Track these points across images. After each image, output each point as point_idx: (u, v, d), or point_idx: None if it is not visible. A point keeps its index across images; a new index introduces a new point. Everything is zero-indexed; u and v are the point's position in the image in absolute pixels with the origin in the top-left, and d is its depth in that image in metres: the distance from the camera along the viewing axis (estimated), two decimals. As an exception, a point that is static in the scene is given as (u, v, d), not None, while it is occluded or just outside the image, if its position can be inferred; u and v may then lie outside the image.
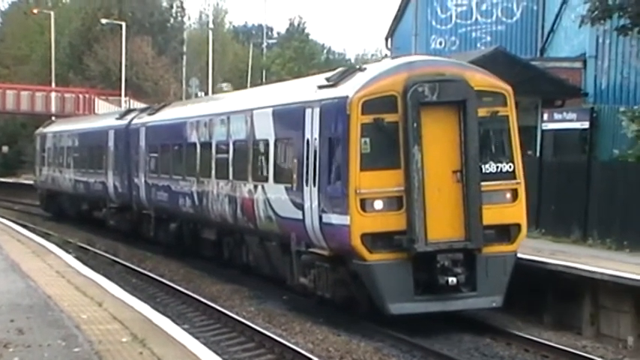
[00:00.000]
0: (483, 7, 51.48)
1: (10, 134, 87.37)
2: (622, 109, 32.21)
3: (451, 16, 52.05)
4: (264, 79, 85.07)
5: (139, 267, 34.11)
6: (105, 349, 13.74)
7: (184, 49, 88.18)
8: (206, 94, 69.11)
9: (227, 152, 29.00)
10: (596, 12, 32.18)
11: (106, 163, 43.07)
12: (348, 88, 20.77)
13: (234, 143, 28.54)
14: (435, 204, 19.88)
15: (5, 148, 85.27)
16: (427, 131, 19.94)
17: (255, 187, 26.23)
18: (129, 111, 45.66)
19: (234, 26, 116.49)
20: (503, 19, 51.07)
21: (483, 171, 20.51)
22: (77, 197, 49.87)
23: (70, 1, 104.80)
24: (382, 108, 20.04)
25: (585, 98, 37.58)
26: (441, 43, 51.39)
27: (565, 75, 38.46)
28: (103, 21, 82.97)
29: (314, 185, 21.70)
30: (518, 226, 20.88)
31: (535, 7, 50.25)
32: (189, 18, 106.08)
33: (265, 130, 25.82)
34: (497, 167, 20.74)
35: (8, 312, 17.25)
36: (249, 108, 27.76)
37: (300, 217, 22.52)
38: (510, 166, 20.86)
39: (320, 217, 21.33)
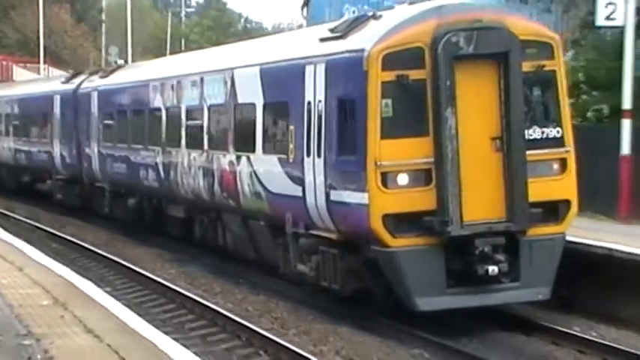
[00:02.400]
0: None
1: None
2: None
3: None
4: (182, 48, 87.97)
5: (59, 232, 33.79)
6: (25, 312, 14.19)
7: (103, 17, 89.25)
8: (125, 62, 65.80)
9: (200, 119, 25.10)
10: None
11: (51, 132, 40.21)
12: (364, 40, 17.14)
13: (209, 108, 24.68)
14: (472, 178, 16.35)
15: None
16: (462, 91, 16.41)
17: (238, 158, 22.40)
18: (76, 74, 42.54)
19: None
20: None
21: (527, 137, 17.00)
22: (18, 168, 46.88)
23: None
24: (407, 63, 16.42)
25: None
26: (354, 12, 49.09)
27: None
28: None
29: (318, 156, 18.08)
30: (567, 202, 17.33)
31: None
32: None
33: (251, 92, 21.90)
34: (543, 132, 17.21)
35: None
36: (229, 67, 23.66)
37: (300, 193, 18.94)
38: (558, 131, 17.35)
39: (327, 195, 17.73)
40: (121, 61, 66.37)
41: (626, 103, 23.55)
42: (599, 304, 18.81)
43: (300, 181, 18.92)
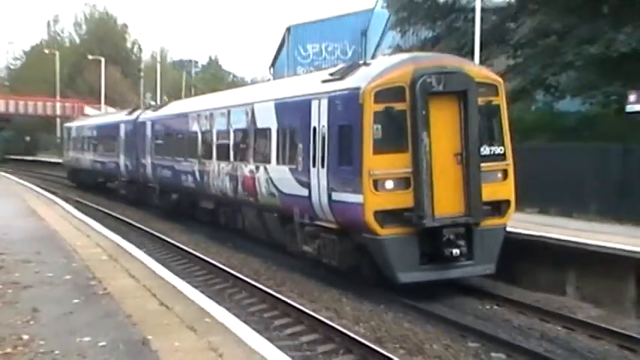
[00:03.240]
0: (329, 49, 60.69)
1: (29, 129, 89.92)
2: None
3: (309, 54, 61.06)
4: (192, 93, 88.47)
5: (113, 212, 34.38)
6: (92, 264, 15.01)
7: (141, 74, 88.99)
8: (156, 102, 66.96)
9: (228, 139, 24.03)
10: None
11: (118, 148, 39.49)
12: (359, 80, 16.06)
13: (234, 132, 23.63)
14: (439, 184, 15.41)
15: (28, 138, 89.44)
16: (433, 118, 15.44)
17: (257, 167, 21.29)
18: (135, 109, 41.89)
19: (172, 59, 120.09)
20: (341, 56, 57.94)
21: (480, 153, 16.21)
22: (95, 172, 46.79)
23: (69, 44, 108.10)
24: (392, 97, 15.48)
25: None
26: (304, 71, 54.54)
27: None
28: (89, 57, 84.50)
29: (322, 167, 17.00)
30: (508, 202, 16.44)
31: (360, 49, 57.39)
32: (143, 54, 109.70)
33: (267, 120, 20.82)
34: (491, 150, 16.32)
35: (30, 241, 18.20)
36: (250, 102, 22.68)
37: (306, 194, 17.81)
38: (501, 149, 16.44)
39: (329, 195, 16.68)
40: (152, 102, 68.84)
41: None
42: (529, 276, 18.04)
43: (306, 185, 17.74)
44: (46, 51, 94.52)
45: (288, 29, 62.34)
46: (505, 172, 16.38)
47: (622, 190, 20.39)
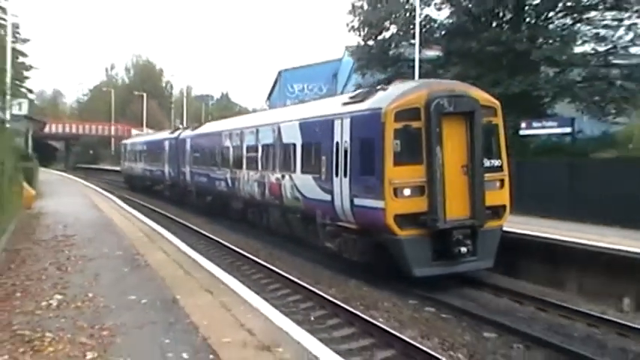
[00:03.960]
0: (309, 87, 58.37)
1: (92, 145, 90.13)
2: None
3: (295, 91, 58.91)
4: (209, 119, 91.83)
5: (156, 208, 32.22)
6: (136, 243, 14.91)
7: (172, 105, 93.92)
8: (182, 126, 66.22)
9: (256, 152, 22.11)
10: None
11: (163, 159, 37.69)
12: (380, 102, 14.42)
13: (262, 146, 21.68)
14: (449, 191, 13.78)
15: (91, 151, 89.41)
16: (444, 135, 13.88)
17: (283, 175, 19.52)
18: (176, 129, 40.17)
19: (195, 94, 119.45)
20: (318, 92, 55.42)
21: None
22: (144, 178, 44.70)
23: (120, 83, 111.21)
24: (409, 117, 13.81)
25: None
26: (291, 103, 51.70)
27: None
28: (135, 93, 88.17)
29: (344, 176, 15.28)
30: (504, 207, 14.82)
31: (332, 88, 54.67)
32: (174, 90, 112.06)
33: (293, 136, 18.95)
34: (491, 162, 14.63)
35: (93, 226, 18.22)
36: (276, 122, 20.76)
37: (329, 199, 16.08)
38: (499, 162, 14.79)
39: (352, 201, 14.95)
40: (180, 126, 67.87)
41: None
42: (524, 269, 15.74)
43: (329, 191, 16.03)
44: (104, 89, 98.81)
45: (280, 72, 64.03)
46: (502, 182, 14.90)
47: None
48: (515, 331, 11.05)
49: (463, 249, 13.85)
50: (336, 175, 15.75)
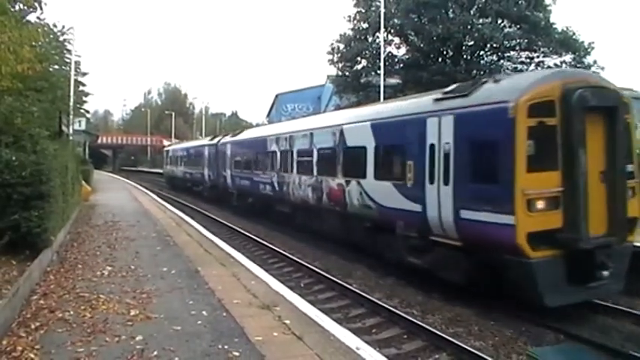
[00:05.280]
0: (299, 107, 55.76)
1: (133, 152, 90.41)
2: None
3: (288, 110, 56.54)
4: (223, 132, 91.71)
5: (189, 204, 29.15)
6: (167, 228, 14.83)
7: (194, 122, 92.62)
8: (203, 137, 61.75)
9: (310, 156, 16.35)
10: None
11: (203, 163, 33.89)
12: (504, 95, 9.16)
13: (318, 150, 15.87)
14: (591, 203, 8.92)
15: (132, 157, 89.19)
16: (587, 134, 9.08)
17: (348, 181, 13.82)
18: (215, 136, 35.15)
19: (211, 112, 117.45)
20: (306, 111, 52.53)
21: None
22: (185, 180, 40.49)
23: (155, 105, 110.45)
24: (543, 112, 8.83)
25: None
26: (284, 119, 49.64)
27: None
28: (166, 112, 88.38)
29: (445, 184, 10.04)
30: (635, 219, 9.76)
31: (317, 107, 52.69)
32: (196, 110, 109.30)
33: (361, 139, 13.20)
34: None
35: (134, 214, 18.19)
36: (338, 124, 14.74)
37: (418, 209, 10.73)
38: (632, 167, 9.71)
39: (456, 212, 9.74)
40: (201, 137, 66.88)
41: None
42: None
43: (420, 200, 10.73)
44: (143, 109, 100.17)
45: (277, 95, 63.14)
46: (634, 190, 9.85)
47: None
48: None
49: (606, 273, 9.08)
50: (431, 182, 10.58)
